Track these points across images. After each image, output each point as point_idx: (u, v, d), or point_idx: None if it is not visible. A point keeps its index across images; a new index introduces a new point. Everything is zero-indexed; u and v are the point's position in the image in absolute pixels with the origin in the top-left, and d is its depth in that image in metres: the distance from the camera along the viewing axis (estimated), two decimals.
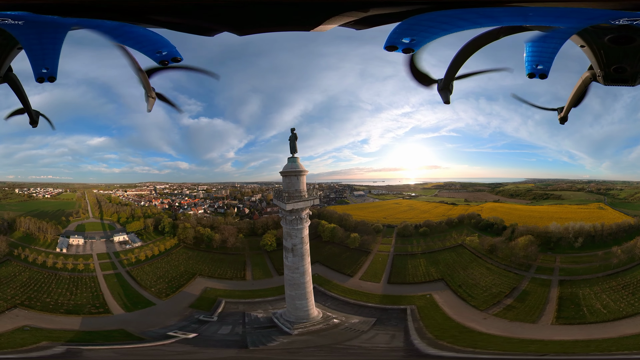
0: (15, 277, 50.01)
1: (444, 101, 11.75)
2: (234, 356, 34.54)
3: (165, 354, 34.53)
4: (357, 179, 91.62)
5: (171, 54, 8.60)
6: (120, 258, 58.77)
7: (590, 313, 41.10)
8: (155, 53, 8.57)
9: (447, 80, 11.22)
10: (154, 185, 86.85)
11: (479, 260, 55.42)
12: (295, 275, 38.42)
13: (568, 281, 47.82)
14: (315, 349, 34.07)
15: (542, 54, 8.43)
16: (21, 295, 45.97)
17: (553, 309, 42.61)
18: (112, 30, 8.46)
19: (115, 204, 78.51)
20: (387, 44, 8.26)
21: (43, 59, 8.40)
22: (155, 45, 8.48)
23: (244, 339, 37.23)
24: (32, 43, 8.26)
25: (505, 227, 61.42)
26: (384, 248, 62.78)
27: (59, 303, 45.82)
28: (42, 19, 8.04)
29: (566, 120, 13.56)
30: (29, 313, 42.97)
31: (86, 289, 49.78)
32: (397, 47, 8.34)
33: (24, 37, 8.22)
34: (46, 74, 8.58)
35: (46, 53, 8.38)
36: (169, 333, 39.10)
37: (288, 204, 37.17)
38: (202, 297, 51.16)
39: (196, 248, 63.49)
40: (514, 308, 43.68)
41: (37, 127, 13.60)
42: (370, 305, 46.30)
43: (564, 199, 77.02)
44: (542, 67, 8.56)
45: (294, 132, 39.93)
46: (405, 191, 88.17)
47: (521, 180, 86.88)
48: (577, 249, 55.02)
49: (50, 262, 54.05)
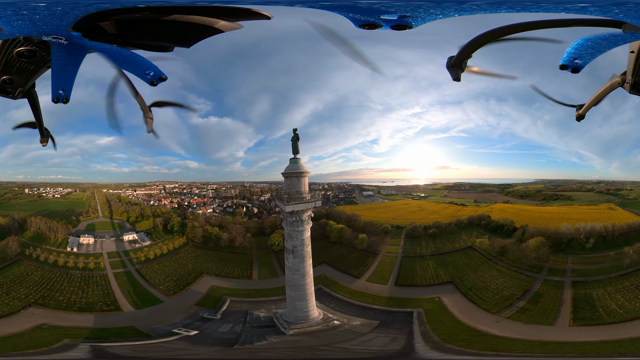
0: (27, 276, 50.61)
1: (453, 78, 11.16)
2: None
3: (162, 351, 34.73)
4: (367, 179, 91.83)
5: (157, 74, 8.58)
6: (130, 257, 59.30)
7: (607, 314, 40.55)
8: (145, 74, 8.56)
9: (461, 57, 10.64)
10: (164, 185, 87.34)
11: (490, 262, 54.95)
12: (295, 276, 38.16)
13: (581, 282, 47.34)
14: (293, 350, 33.81)
15: (588, 51, 8.21)
16: (35, 294, 46.45)
17: (568, 311, 42.09)
18: (114, 54, 8.43)
19: (124, 203, 79.19)
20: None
21: (63, 80, 8.53)
22: (143, 66, 8.49)
23: (239, 338, 37.27)
24: (59, 62, 8.33)
25: (516, 229, 61.02)
26: (392, 249, 62.45)
27: (72, 301, 46.34)
28: (75, 40, 8.06)
29: (583, 118, 13.44)
30: (44, 311, 43.44)
31: (97, 287, 50.35)
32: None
33: (57, 55, 8.25)
34: (61, 95, 8.72)
35: (67, 74, 8.50)
36: (173, 330, 39.39)
37: (288, 206, 36.68)
38: (208, 295, 51.45)
39: (204, 247, 63.89)
40: (528, 310, 43.08)
41: (47, 145, 13.73)
42: (375, 307, 45.76)
43: (574, 199, 76.52)
44: (580, 61, 8.34)
45: (296, 133, 39.24)
46: (415, 192, 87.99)
47: (531, 181, 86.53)
48: (589, 250, 54.65)
49: (61, 261, 54.69)
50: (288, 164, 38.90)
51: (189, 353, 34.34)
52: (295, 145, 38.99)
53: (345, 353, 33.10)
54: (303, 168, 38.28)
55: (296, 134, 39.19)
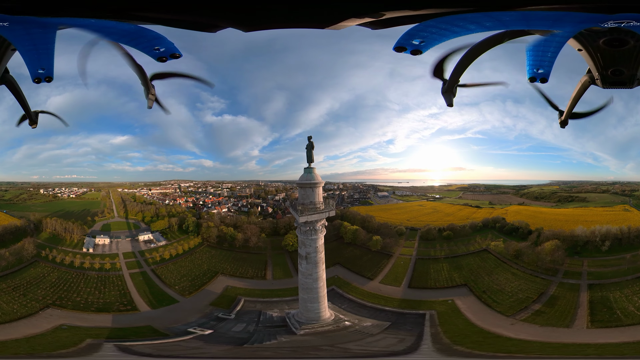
0: (44, 277, 51.45)
1: (447, 104, 11.71)
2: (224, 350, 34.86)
3: (179, 349, 35.14)
4: (382, 180, 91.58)
5: (169, 51, 8.43)
6: (146, 257, 59.96)
7: (625, 316, 40.13)
8: (153, 50, 8.43)
9: (452, 83, 11.25)
10: (179, 184, 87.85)
11: (504, 265, 54.58)
12: (308, 280, 38.48)
13: (597, 285, 46.91)
14: (292, 350, 33.97)
15: (543, 58, 8.54)
16: (52, 295, 47.21)
17: (585, 313, 41.73)
18: (103, 29, 8.44)
19: (139, 202, 79.83)
20: (396, 45, 8.34)
21: (38, 60, 8.39)
22: (152, 42, 8.38)
23: (251, 337, 37.59)
24: (25, 44, 8.27)
25: (531, 232, 60.65)
26: (406, 251, 62.27)
27: (89, 301, 47.02)
28: (26, 19, 8.09)
29: (567, 124, 13.55)
30: (62, 312, 44.07)
31: (114, 287, 51.03)
32: (406, 49, 8.43)
33: (14, 38, 8.26)
34: (43, 74, 8.53)
35: (40, 53, 8.37)
36: (189, 329, 39.84)
37: (301, 217, 36.86)
38: (223, 295, 51.78)
39: (219, 247, 64.31)
40: (543, 313, 42.74)
41: (36, 127, 13.67)
42: (387, 309, 45.65)
43: (589, 201, 75.95)
44: (543, 70, 8.65)
45: (311, 141, 38.72)
46: (430, 193, 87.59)
47: (545, 182, 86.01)
48: (605, 253, 54.28)
49: (77, 262, 55.43)
50: (302, 172, 38.73)
51: (201, 352, 34.70)
52: (309, 154, 38.62)
53: (345, 353, 33.14)
54: (317, 178, 38.15)
55: (311, 142, 38.78)
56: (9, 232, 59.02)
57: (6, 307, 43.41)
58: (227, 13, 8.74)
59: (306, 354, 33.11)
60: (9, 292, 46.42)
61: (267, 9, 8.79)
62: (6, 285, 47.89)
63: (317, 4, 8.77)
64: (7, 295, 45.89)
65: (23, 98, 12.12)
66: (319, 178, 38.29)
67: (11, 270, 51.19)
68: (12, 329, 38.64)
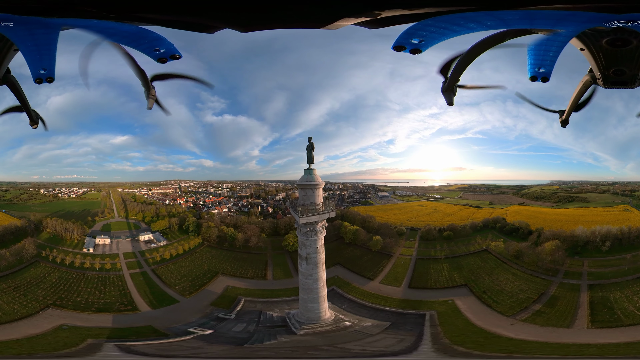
0: (44, 277, 51.44)
1: (447, 103, 11.54)
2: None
3: (179, 350, 35.19)
4: (382, 180, 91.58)
5: (169, 52, 8.40)
6: (146, 257, 59.96)
7: (625, 316, 40.18)
8: (153, 51, 8.40)
9: (452, 82, 11.10)
10: (179, 183, 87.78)
11: (505, 265, 54.57)
12: (308, 281, 38.52)
13: (597, 285, 46.95)
14: (292, 350, 34.03)
15: (544, 58, 8.51)
16: (52, 295, 47.23)
17: (586, 313, 41.77)
18: (105, 30, 8.40)
19: (140, 202, 79.73)
20: (395, 44, 8.25)
21: (40, 60, 8.37)
22: (153, 43, 8.32)
23: (251, 337, 37.67)
24: (28, 44, 8.25)
25: (531, 232, 60.67)
26: (407, 251, 62.24)
27: (90, 302, 47.05)
28: (29, 20, 8.05)
29: (567, 123, 13.38)
30: (62, 312, 44.11)
31: (114, 288, 51.07)
32: (405, 48, 8.32)
33: (18, 38, 8.23)
34: (44, 75, 8.51)
35: (43, 54, 8.35)
36: (189, 329, 39.91)
37: (302, 218, 36.90)
38: (223, 295, 51.81)
39: (219, 247, 64.30)
40: (544, 313, 42.81)
41: (37, 127, 13.69)
42: (387, 309, 45.68)
43: (590, 201, 75.97)
44: (544, 70, 8.65)
45: (311, 142, 38.71)
46: (430, 193, 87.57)
47: (546, 182, 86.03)
48: (605, 253, 54.28)
49: (78, 262, 55.42)
50: (303, 173, 38.70)
51: (201, 352, 34.76)
52: (310, 155, 38.59)
53: (344, 352, 33.19)
54: (317, 179, 38.11)
55: (311, 143, 38.76)
56: (9, 232, 58.91)
57: (7, 307, 43.43)
58: (224, 14, 8.75)
59: (306, 354, 33.18)
60: (9, 292, 46.44)
61: (262, 10, 8.78)
62: (6, 285, 47.91)
63: (312, 4, 8.75)
64: (8, 295, 45.91)
65: (24, 98, 12.11)
66: (319, 179, 38.25)
67: (11, 271, 51.17)
68: (13, 329, 38.67)
